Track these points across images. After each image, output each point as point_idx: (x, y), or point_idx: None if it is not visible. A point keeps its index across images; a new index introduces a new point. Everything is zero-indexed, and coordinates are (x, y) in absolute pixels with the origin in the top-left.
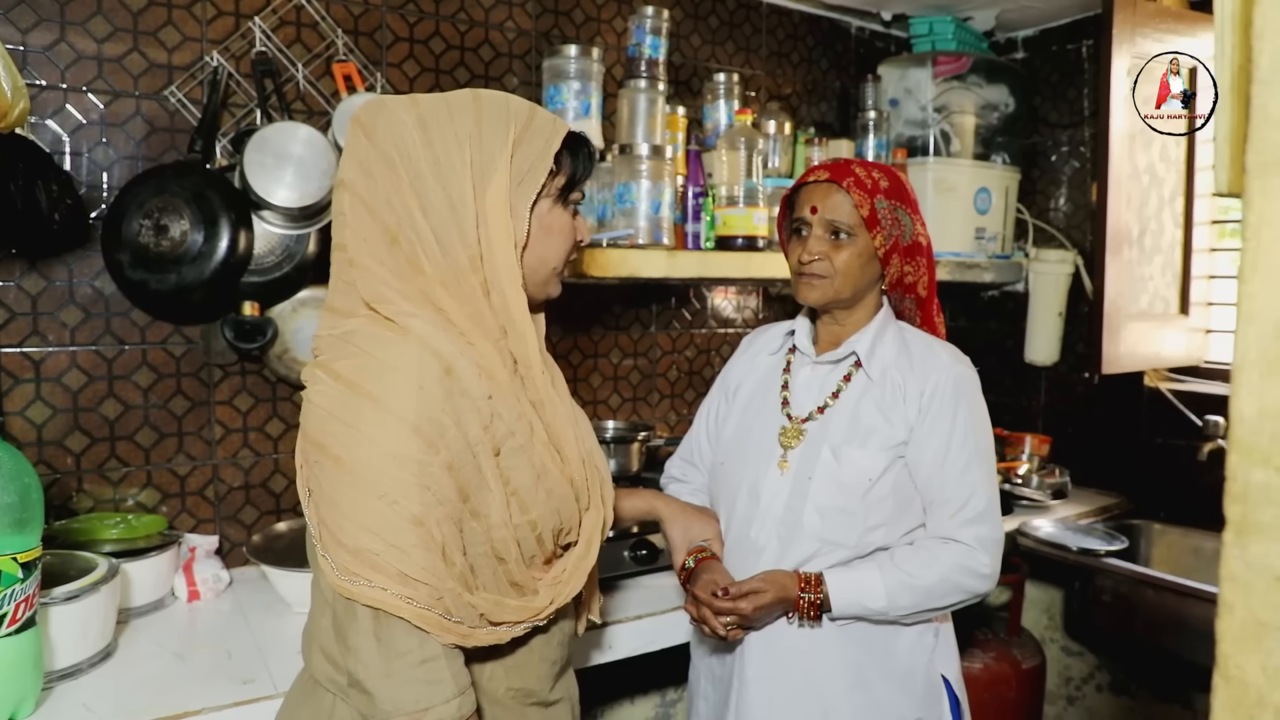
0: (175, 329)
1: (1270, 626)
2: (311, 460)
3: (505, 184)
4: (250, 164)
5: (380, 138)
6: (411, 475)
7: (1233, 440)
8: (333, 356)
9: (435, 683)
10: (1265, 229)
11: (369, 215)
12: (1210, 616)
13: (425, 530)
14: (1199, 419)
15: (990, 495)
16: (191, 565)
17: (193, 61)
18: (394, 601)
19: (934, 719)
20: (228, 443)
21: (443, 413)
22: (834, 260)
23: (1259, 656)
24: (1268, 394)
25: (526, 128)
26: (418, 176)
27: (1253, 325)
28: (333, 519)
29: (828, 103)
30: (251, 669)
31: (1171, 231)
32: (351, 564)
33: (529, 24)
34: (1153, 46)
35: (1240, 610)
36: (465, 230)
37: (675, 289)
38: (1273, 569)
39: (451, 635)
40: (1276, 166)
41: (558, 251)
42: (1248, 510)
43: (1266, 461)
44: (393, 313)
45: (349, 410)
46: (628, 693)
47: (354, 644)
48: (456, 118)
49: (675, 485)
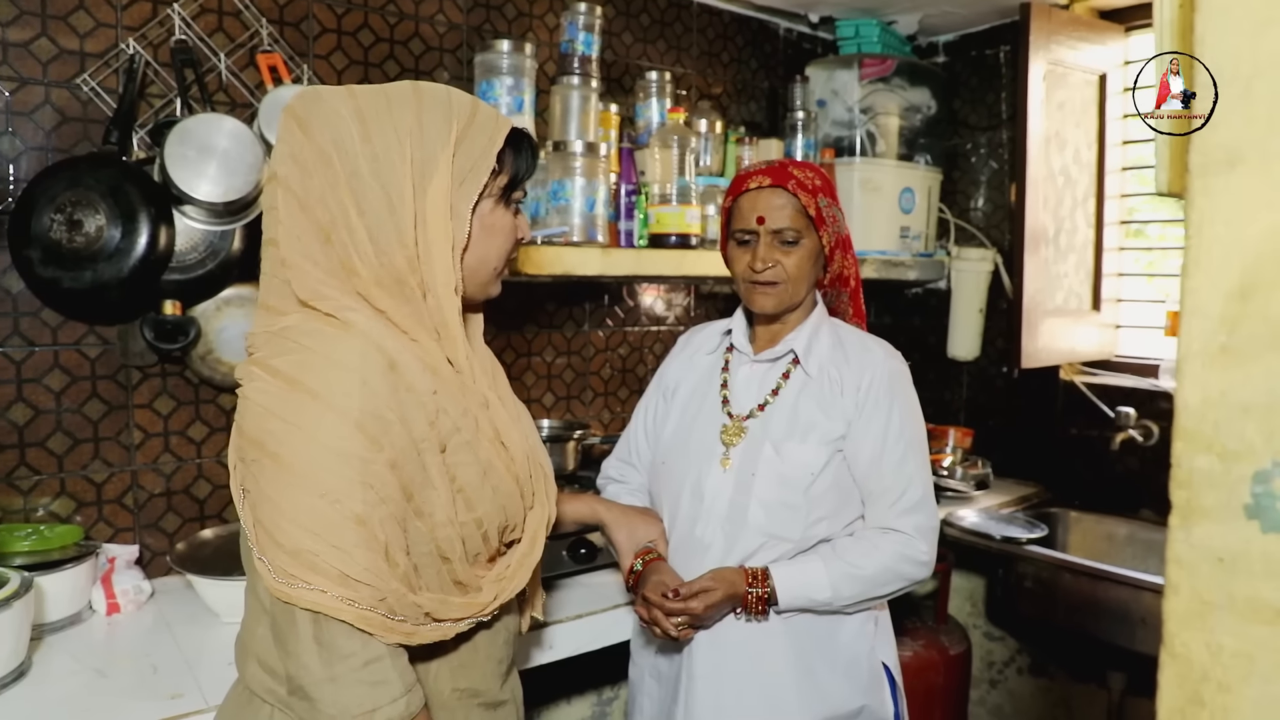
0: (90, 329)
1: (1213, 605)
2: (249, 459)
3: (446, 184)
4: (172, 157)
5: (316, 131)
6: (354, 473)
7: (1178, 428)
8: (270, 353)
9: (381, 684)
10: (1206, 227)
11: (302, 212)
12: (1123, 599)
13: (368, 530)
14: (1111, 410)
15: (926, 485)
16: (110, 577)
17: (107, 49)
18: (334, 604)
19: (877, 705)
20: (147, 448)
21: (387, 409)
22: (785, 266)
23: (1203, 634)
24: (1210, 384)
25: (469, 125)
26: (354, 174)
27: (1195, 319)
28: (271, 519)
29: (756, 102)
30: (179, 683)
31: (1084, 231)
32: (290, 566)
33: (460, 18)
34: (1066, 54)
35: (1185, 591)
36: (403, 230)
37: (608, 287)
38: (1215, 551)
39: (395, 635)
40: (1216, 168)
41: (499, 252)
42: (1192, 495)
43: (1209, 448)
44: (332, 308)
45: (288, 407)
46: (564, 693)
47: (294, 649)
48: (396, 112)
49: (613, 486)
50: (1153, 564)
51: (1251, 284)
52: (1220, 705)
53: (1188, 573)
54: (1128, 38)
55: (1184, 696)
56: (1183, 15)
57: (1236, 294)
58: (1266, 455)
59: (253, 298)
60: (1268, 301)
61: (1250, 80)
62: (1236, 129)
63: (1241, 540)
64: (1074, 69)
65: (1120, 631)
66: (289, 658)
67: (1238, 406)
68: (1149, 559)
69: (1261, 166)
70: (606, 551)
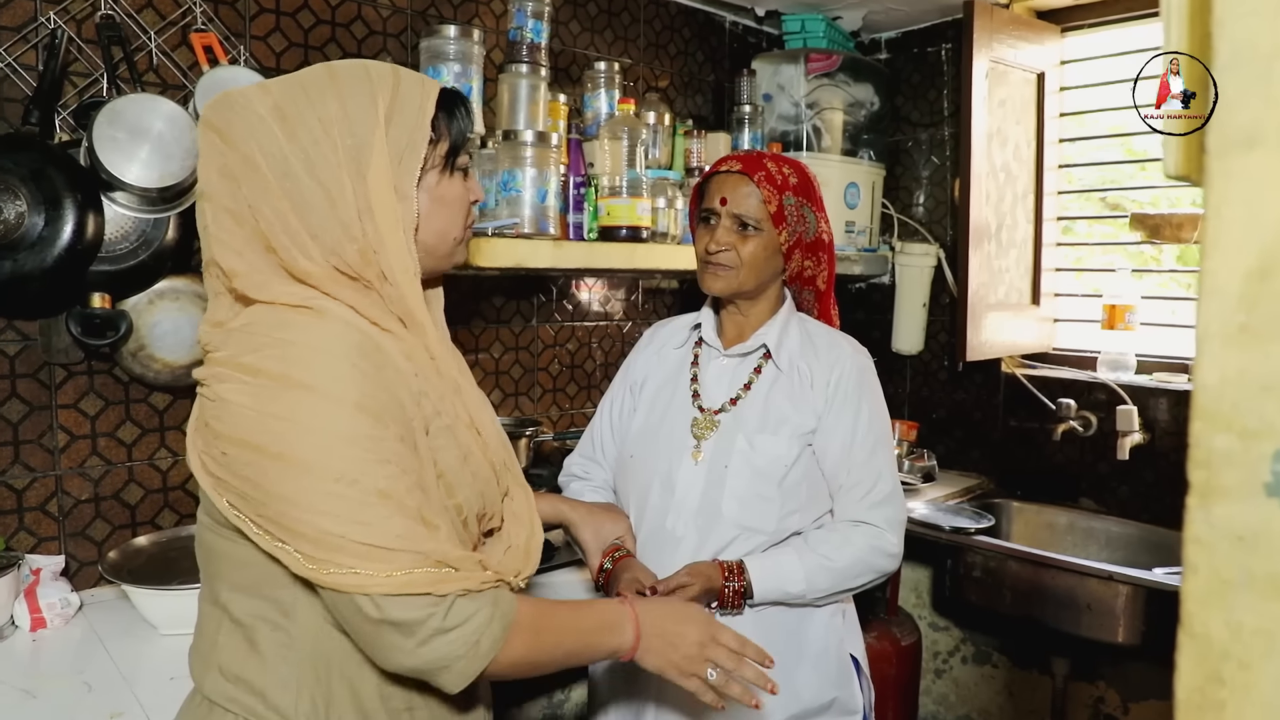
0: (8, 324)
1: (1232, 584)
2: (242, 464)
3: (385, 165)
4: (100, 139)
5: (237, 139)
6: (367, 453)
7: (1196, 408)
8: (238, 351)
9: (465, 621)
10: (1225, 208)
11: (237, 225)
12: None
13: (394, 501)
14: (1051, 402)
15: (894, 479)
16: (35, 590)
17: (25, 22)
18: (373, 581)
19: (847, 698)
20: (73, 451)
21: (380, 387)
22: (740, 251)
23: (1222, 613)
24: (1228, 363)
25: (394, 97)
26: (285, 174)
27: (1213, 299)
28: (285, 514)
29: (703, 95)
30: (118, 701)
31: (1024, 227)
32: (316, 551)
33: (405, 1)
34: (1007, 53)
35: (1205, 570)
36: (348, 224)
37: (556, 281)
38: (1235, 530)
39: (452, 584)
40: (1236, 149)
41: (455, 222)
42: (1211, 475)
43: (1229, 427)
44: (301, 299)
45: (282, 404)
46: (513, 698)
47: (371, 639)
48: (316, 101)
49: (577, 483)
50: (1092, 551)
51: (1271, 264)
52: (1241, 683)
53: (1207, 552)
54: (1064, 38)
55: (1204, 675)
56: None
57: (1256, 274)
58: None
59: (188, 290)
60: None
61: (1270, 61)
62: (1256, 110)
63: (1261, 518)
64: (1014, 67)
65: (1066, 617)
66: (379, 649)
67: (1257, 385)
68: (1088, 546)
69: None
70: (564, 550)
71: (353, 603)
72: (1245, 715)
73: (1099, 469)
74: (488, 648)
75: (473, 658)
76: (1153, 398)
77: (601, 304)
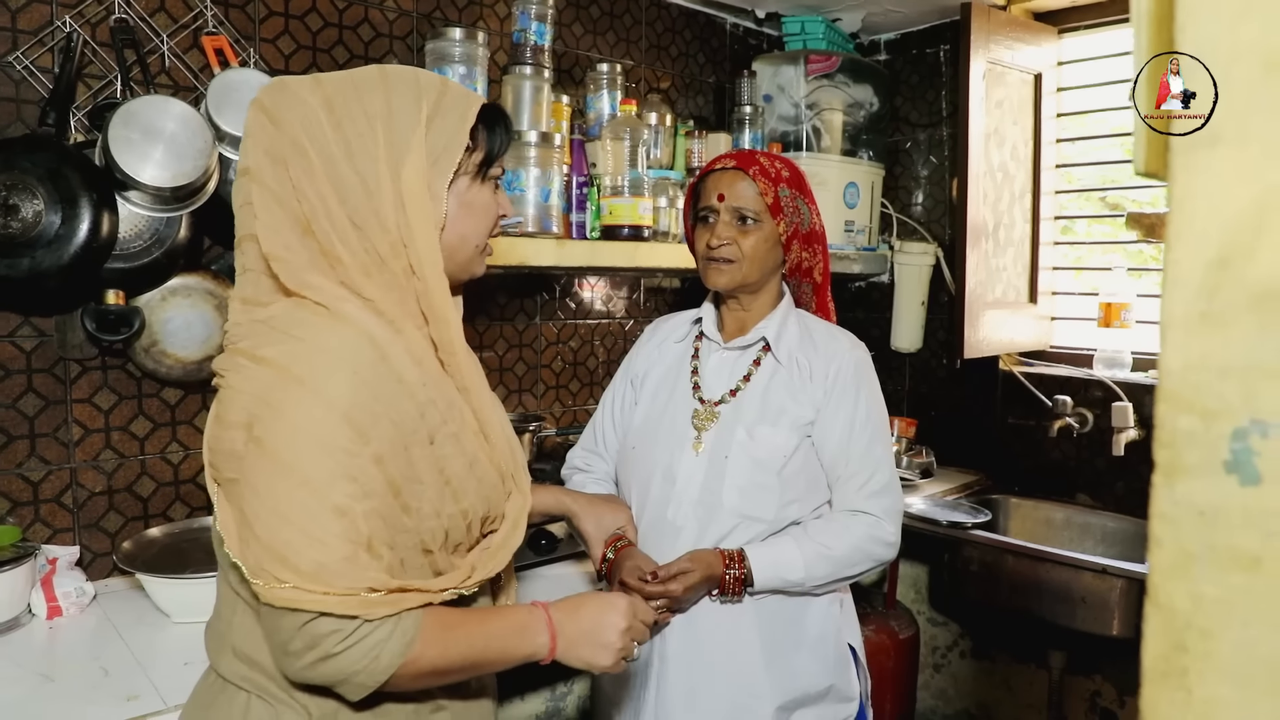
0: (25, 320)
1: (1195, 557)
2: (235, 447)
3: (421, 163)
4: (116, 139)
5: (286, 123)
6: (337, 465)
7: (1161, 392)
8: (256, 343)
9: (370, 637)
10: (1187, 201)
11: (278, 205)
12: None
13: (348, 521)
14: (1048, 399)
15: (891, 470)
16: (51, 579)
17: (41, 26)
18: (311, 598)
19: (844, 685)
20: (87, 444)
21: (375, 400)
22: (741, 245)
23: (1186, 584)
24: (1191, 349)
25: (439, 103)
26: (329, 161)
27: (1177, 288)
28: (252, 509)
29: (704, 96)
30: (133, 684)
31: (1021, 226)
32: (265, 562)
33: (410, 4)
34: (1004, 54)
35: (1169, 544)
36: (383, 214)
37: (559, 279)
38: (1197, 505)
39: (382, 608)
40: (1198, 147)
41: (478, 229)
42: (1175, 454)
43: (1191, 408)
44: (324, 298)
45: (276, 394)
46: (516, 690)
47: (281, 641)
48: (365, 96)
49: (579, 475)
50: (1088, 546)
51: (1229, 254)
52: (1202, 650)
53: (1171, 527)
54: (1060, 39)
55: (1169, 644)
56: (1157, 8)
57: (1216, 264)
58: (1244, 414)
59: (200, 287)
60: (1244, 269)
61: (1228, 66)
62: (1216, 111)
63: (1221, 494)
64: (1011, 68)
65: (1061, 610)
66: (281, 653)
67: (1217, 369)
68: (1084, 541)
69: (1238, 145)
70: (567, 542)
71: (284, 615)
72: (1207, 680)
73: (1095, 465)
74: (387, 663)
75: (372, 672)
76: (1148, 394)
77: (603, 302)
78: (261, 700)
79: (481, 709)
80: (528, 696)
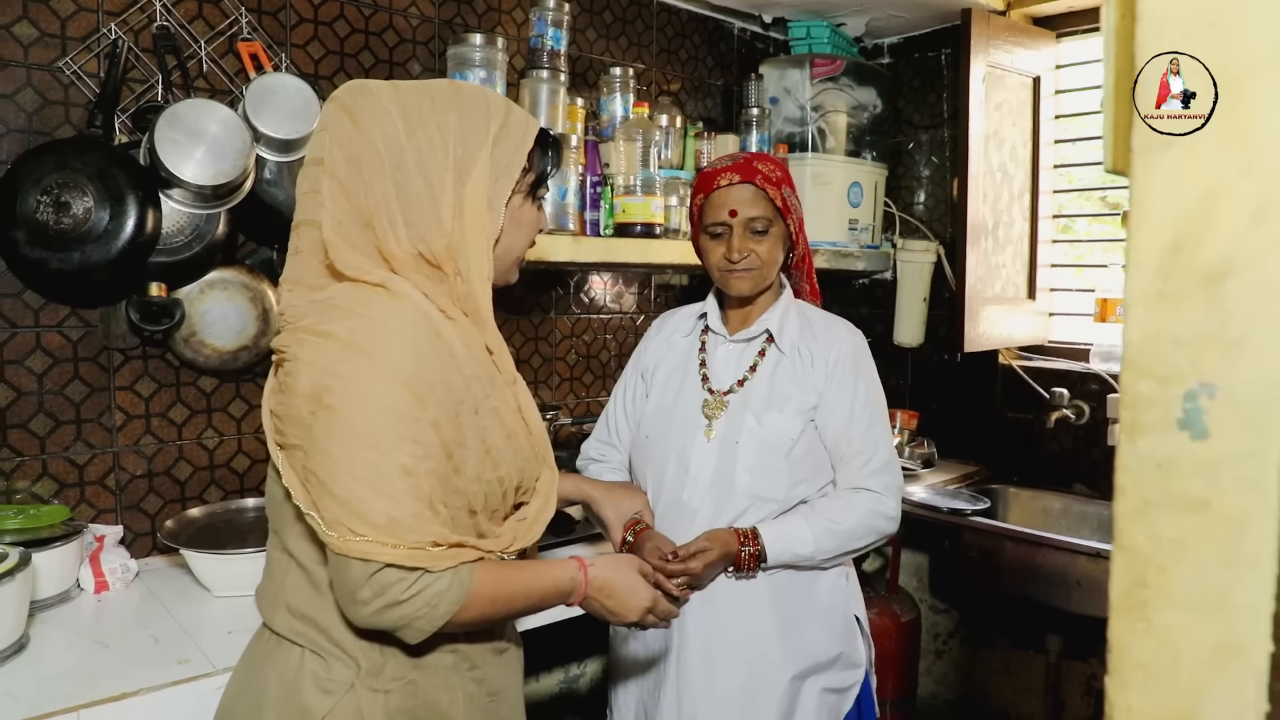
0: (71, 312)
1: (1153, 503)
2: (304, 414)
3: (485, 178)
4: (161, 140)
5: (365, 124)
6: (402, 428)
7: (1125, 361)
8: (318, 320)
9: (430, 587)
10: (1146, 195)
11: (345, 198)
12: (1058, 564)
13: (414, 480)
14: (1046, 392)
15: (890, 449)
16: (98, 555)
17: (89, 33)
18: (383, 550)
19: (851, 652)
20: (129, 430)
21: (432, 371)
22: (759, 253)
23: (1145, 527)
24: (1149, 323)
25: (504, 125)
26: (399, 165)
27: (1137, 270)
28: (325, 470)
29: (712, 99)
30: (183, 650)
31: (1020, 224)
32: (340, 515)
33: (432, 11)
34: (1003, 58)
35: (1131, 493)
36: (442, 219)
37: (573, 275)
38: (1155, 458)
39: (445, 560)
40: (1155, 149)
41: (522, 243)
42: (1136, 415)
43: (1149, 374)
44: (380, 279)
45: (345, 364)
46: (531, 671)
47: (349, 591)
48: (439, 110)
49: (595, 466)
50: (1085, 534)
51: (1180, 240)
52: (1159, 585)
53: (1133, 478)
54: (1059, 44)
55: (1131, 580)
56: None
57: (1170, 248)
58: (1193, 378)
59: (236, 281)
60: (1193, 254)
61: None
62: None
63: (1175, 448)
64: (1010, 72)
65: (1058, 594)
66: (349, 600)
67: (1170, 340)
68: (1081, 529)
69: (1190, 148)
70: (583, 524)
71: (353, 565)
72: (1163, 611)
73: (1092, 456)
74: (445, 610)
75: (431, 618)
76: None
77: (615, 298)
78: (314, 654)
79: (510, 667)
80: (542, 677)
